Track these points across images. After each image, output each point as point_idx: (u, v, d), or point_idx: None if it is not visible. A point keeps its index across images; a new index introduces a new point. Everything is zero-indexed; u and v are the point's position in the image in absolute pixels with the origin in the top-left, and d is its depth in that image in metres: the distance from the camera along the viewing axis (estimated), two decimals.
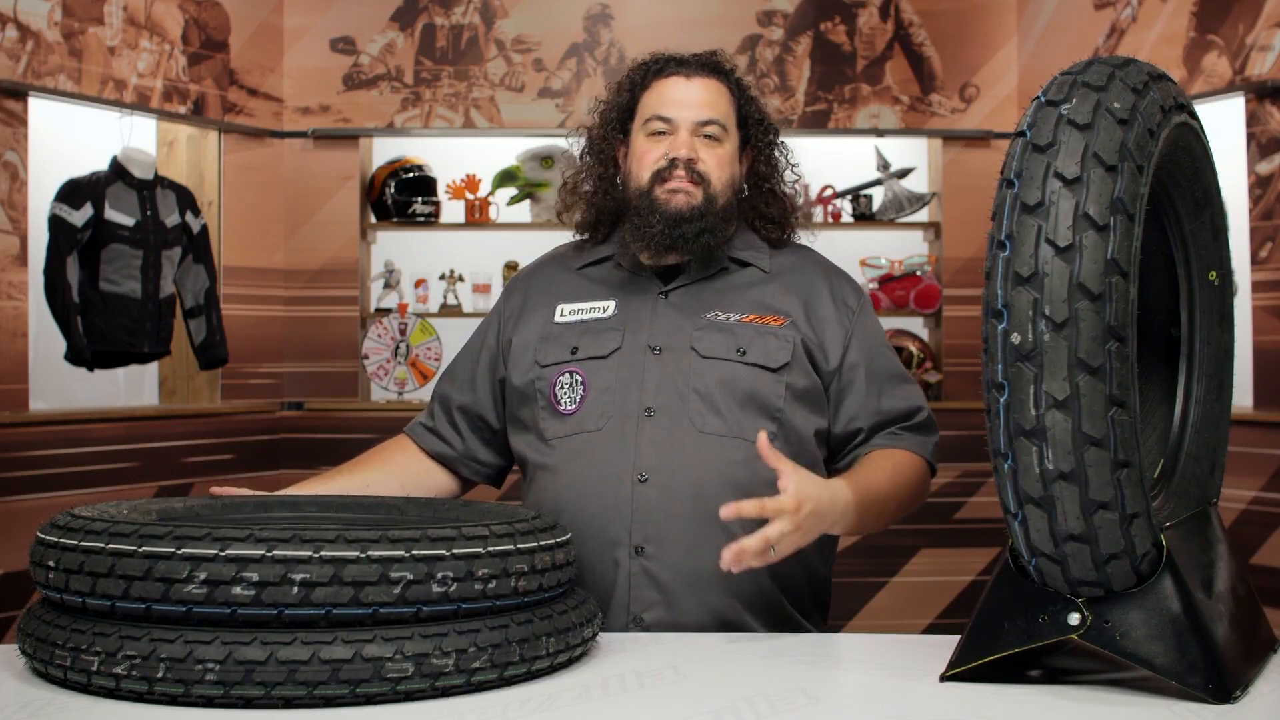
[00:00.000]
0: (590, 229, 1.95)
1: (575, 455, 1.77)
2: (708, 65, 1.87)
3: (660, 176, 1.81)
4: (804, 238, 1.98)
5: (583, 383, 1.80)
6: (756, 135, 1.90)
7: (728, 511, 1.50)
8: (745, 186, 1.91)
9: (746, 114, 1.89)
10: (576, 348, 1.82)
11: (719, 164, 1.83)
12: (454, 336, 4.52)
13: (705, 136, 1.83)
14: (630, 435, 1.75)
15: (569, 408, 1.79)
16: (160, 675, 1.19)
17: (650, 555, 1.72)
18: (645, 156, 1.84)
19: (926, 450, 1.84)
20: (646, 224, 1.81)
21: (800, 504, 1.52)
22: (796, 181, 1.96)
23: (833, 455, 1.86)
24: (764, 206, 1.91)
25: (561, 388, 1.80)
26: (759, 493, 1.72)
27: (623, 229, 1.91)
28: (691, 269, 1.86)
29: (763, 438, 1.55)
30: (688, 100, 1.83)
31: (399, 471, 1.90)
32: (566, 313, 1.87)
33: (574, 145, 1.99)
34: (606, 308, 1.85)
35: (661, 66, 1.87)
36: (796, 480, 1.53)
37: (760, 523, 1.62)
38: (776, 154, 1.92)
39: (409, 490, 1.88)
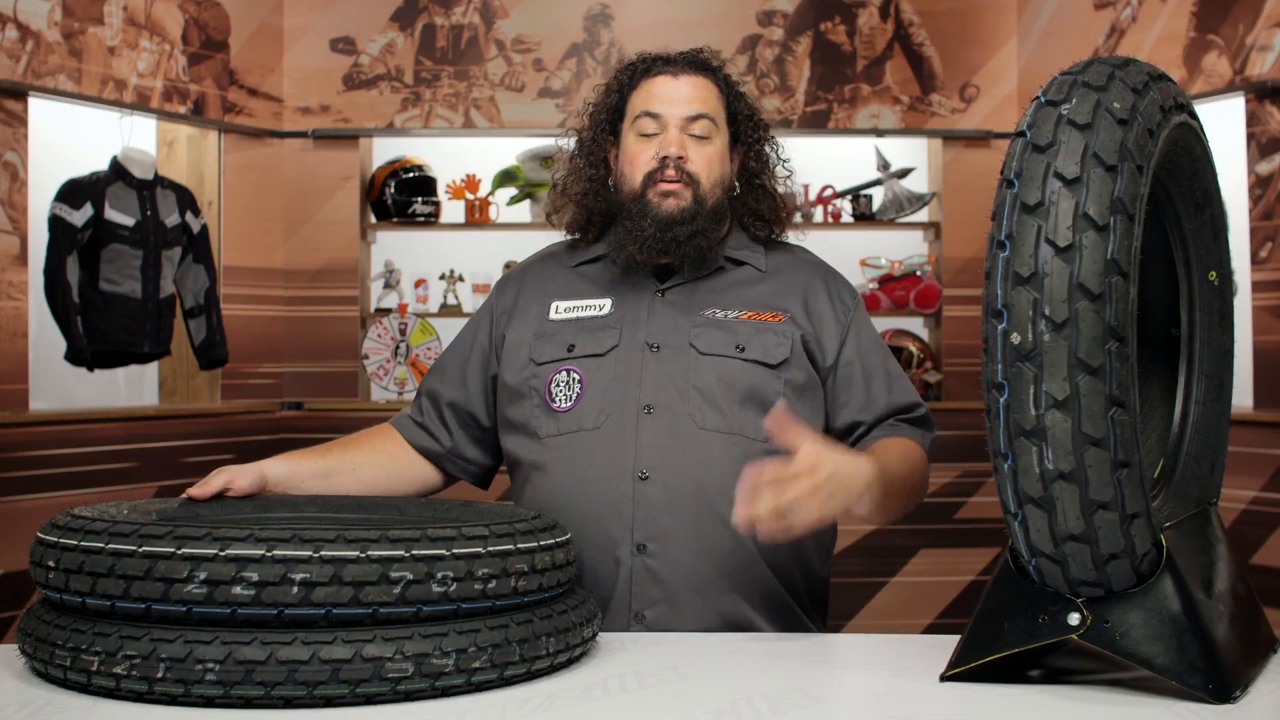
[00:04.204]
0: (581, 230, 1.94)
1: (572, 453, 1.76)
2: (694, 62, 1.87)
3: (652, 178, 1.81)
4: (793, 237, 1.97)
5: (580, 380, 1.79)
6: (746, 131, 1.89)
7: (748, 479, 1.46)
8: (737, 184, 1.90)
9: (735, 110, 1.88)
10: (573, 345, 1.82)
11: (708, 163, 1.83)
12: (454, 336, 4.52)
13: (694, 136, 1.82)
14: (630, 432, 1.74)
15: (564, 405, 1.78)
16: (160, 675, 1.19)
17: (652, 553, 1.71)
18: (636, 158, 1.84)
19: (926, 443, 1.84)
20: (639, 227, 1.81)
21: (817, 465, 1.47)
22: (789, 178, 1.95)
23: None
24: (754, 203, 1.90)
25: (557, 385, 1.80)
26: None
27: (615, 229, 1.90)
28: (685, 268, 1.85)
29: (780, 405, 1.51)
30: (675, 96, 1.83)
31: (385, 460, 1.88)
32: (561, 310, 1.86)
33: (564, 146, 1.98)
34: (602, 305, 1.85)
35: (649, 66, 1.87)
36: (812, 443, 1.49)
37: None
38: (767, 150, 1.92)
39: (394, 479, 1.87)
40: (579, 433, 1.77)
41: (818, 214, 4.97)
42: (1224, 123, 4.03)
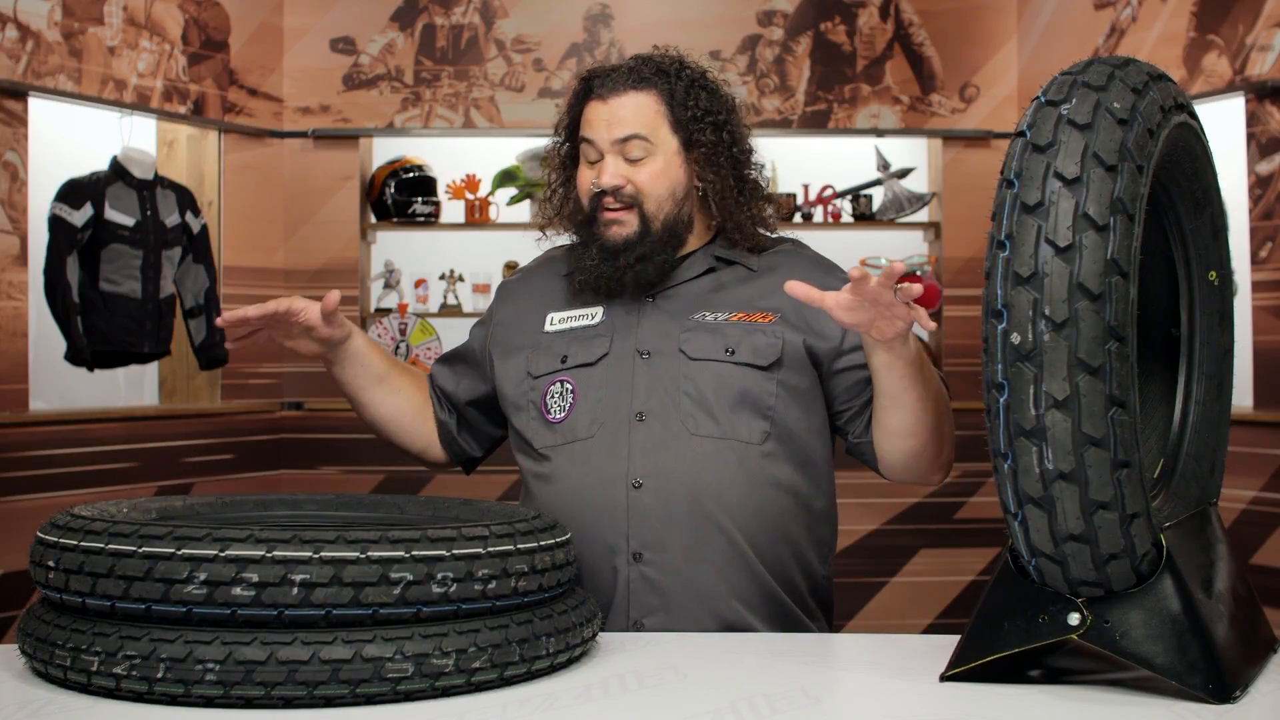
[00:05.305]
0: (578, 230, 1.94)
1: (568, 463, 1.77)
2: (629, 77, 1.81)
3: (596, 204, 1.81)
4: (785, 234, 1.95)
5: (572, 390, 1.80)
6: (695, 133, 1.81)
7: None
8: (699, 185, 1.82)
9: (679, 117, 1.80)
10: (566, 356, 1.82)
11: (650, 179, 1.79)
12: (454, 336, 4.51)
13: (629, 159, 1.79)
14: (622, 441, 1.74)
15: (558, 416, 1.79)
16: (160, 675, 1.19)
17: (649, 561, 1.71)
18: (582, 184, 1.84)
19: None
20: (588, 255, 1.81)
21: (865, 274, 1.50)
22: (760, 170, 1.89)
23: (838, 410, 1.82)
24: (714, 206, 1.83)
25: (552, 397, 1.81)
26: (756, 494, 1.73)
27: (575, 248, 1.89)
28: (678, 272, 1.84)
29: (794, 283, 1.55)
30: (604, 120, 1.80)
31: (420, 401, 1.96)
32: (556, 321, 1.87)
33: (550, 158, 1.96)
34: (594, 314, 1.85)
35: (588, 89, 1.84)
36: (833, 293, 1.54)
37: (759, 534, 1.71)
38: (720, 150, 1.82)
39: (415, 421, 1.95)
40: (574, 443, 1.77)
41: (818, 214, 4.97)
42: (1224, 123, 4.03)
